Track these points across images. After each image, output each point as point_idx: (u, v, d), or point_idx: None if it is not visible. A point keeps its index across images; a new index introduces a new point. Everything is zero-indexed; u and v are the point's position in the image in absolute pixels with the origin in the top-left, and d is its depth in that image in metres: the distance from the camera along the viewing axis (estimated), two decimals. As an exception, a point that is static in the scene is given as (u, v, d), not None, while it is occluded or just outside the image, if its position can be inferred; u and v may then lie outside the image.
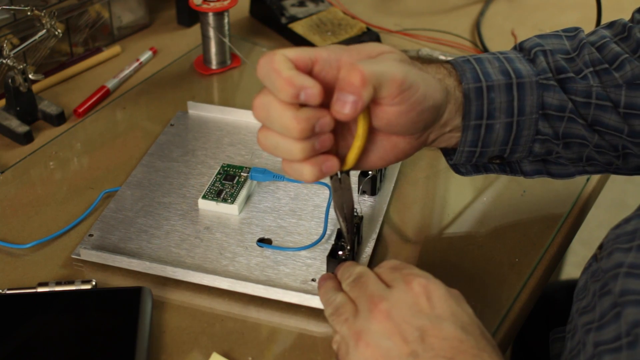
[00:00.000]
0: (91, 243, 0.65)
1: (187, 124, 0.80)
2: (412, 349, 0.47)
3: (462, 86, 0.57)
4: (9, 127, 0.79)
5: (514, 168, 0.63)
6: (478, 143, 0.59)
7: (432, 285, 0.49)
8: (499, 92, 0.57)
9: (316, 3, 0.99)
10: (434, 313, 0.48)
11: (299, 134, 0.48)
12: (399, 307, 0.48)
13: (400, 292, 0.49)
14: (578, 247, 1.56)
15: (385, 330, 0.48)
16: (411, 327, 0.47)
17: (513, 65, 0.59)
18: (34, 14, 0.78)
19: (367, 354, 0.48)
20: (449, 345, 0.47)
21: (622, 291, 0.49)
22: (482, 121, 0.58)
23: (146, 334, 0.57)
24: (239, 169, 0.72)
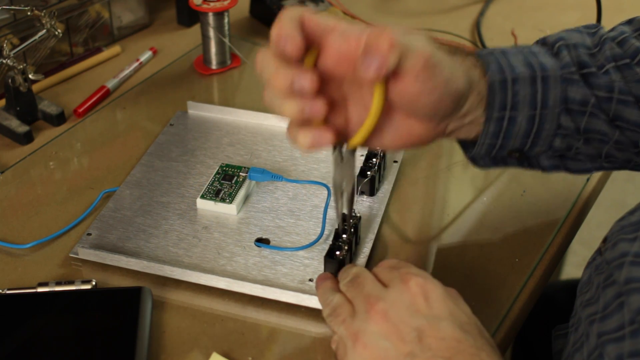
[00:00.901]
0: (89, 242, 0.66)
1: (187, 124, 0.80)
2: (410, 349, 0.47)
3: (486, 78, 0.56)
4: (9, 127, 0.79)
5: (532, 162, 0.63)
6: (500, 135, 0.58)
7: (429, 284, 0.49)
8: (523, 85, 0.57)
9: (316, 3, 0.99)
10: (432, 313, 0.48)
11: (279, 89, 0.49)
12: (396, 307, 0.48)
13: (397, 292, 0.49)
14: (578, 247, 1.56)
15: (382, 331, 0.48)
16: (408, 328, 0.47)
17: (538, 59, 0.59)
18: (34, 14, 0.78)
19: (365, 355, 0.48)
20: (446, 346, 0.47)
21: (627, 279, 0.49)
22: (506, 113, 0.57)
23: (146, 334, 0.57)
24: (237, 168, 0.72)
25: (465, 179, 0.75)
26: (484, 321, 0.61)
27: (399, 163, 0.75)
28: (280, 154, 0.76)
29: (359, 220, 0.64)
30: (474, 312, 0.61)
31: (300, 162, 0.75)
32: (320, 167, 0.74)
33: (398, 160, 0.75)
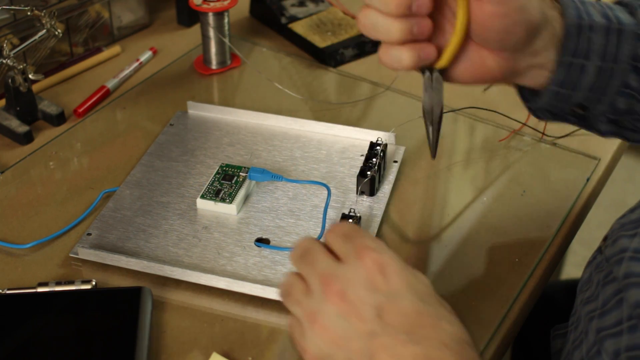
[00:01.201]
0: (89, 242, 0.66)
1: (187, 124, 0.80)
2: (370, 328, 0.46)
3: (563, 19, 0.56)
4: (9, 127, 0.79)
5: (591, 124, 0.62)
6: (567, 84, 0.58)
7: (385, 258, 0.48)
8: (598, 33, 0.57)
9: (316, 3, 0.99)
10: (390, 288, 0.47)
11: (396, 9, 0.50)
12: (353, 285, 0.47)
13: (353, 268, 0.47)
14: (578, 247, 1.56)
15: (341, 311, 0.46)
16: (367, 306, 0.46)
17: (615, 13, 0.58)
18: (34, 14, 0.78)
19: (325, 336, 0.47)
20: (407, 320, 0.46)
21: (626, 274, 0.49)
22: (576, 60, 0.57)
23: (146, 334, 0.57)
24: (237, 168, 0.72)
25: (465, 179, 0.75)
26: (483, 321, 0.61)
27: (398, 163, 0.75)
28: (280, 154, 0.76)
29: (359, 220, 0.64)
30: (474, 312, 0.61)
31: (300, 162, 0.75)
32: (320, 167, 0.74)
33: (398, 160, 0.75)
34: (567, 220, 0.70)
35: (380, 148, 0.71)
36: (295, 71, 0.91)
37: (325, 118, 0.82)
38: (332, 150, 0.76)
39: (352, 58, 0.92)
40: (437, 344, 0.45)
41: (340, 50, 0.91)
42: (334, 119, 0.81)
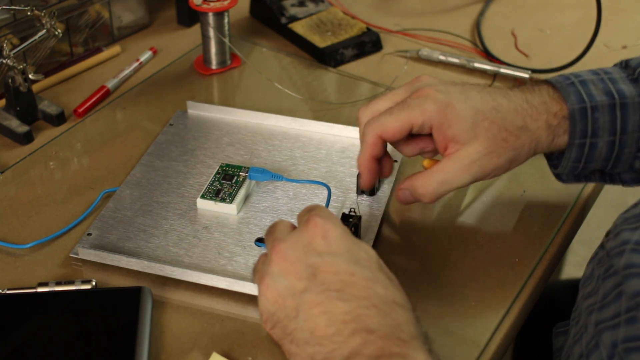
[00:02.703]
0: (89, 242, 0.66)
1: (186, 124, 0.80)
2: (304, 285, 0.48)
3: (566, 107, 0.60)
4: (9, 127, 0.79)
5: (614, 178, 0.66)
6: (582, 159, 0.62)
7: (329, 224, 0.50)
8: (602, 113, 0.61)
9: (316, 3, 0.99)
10: (328, 250, 0.49)
11: None
12: (295, 247, 0.50)
13: (299, 233, 0.50)
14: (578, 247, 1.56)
15: (281, 271, 0.49)
16: (304, 265, 0.49)
17: (616, 86, 0.61)
18: (34, 14, 0.78)
19: (268, 295, 0.50)
20: (339, 279, 0.48)
21: (626, 265, 0.50)
22: (586, 140, 0.61)
23: (146, 334, 0.57)
24: (237, 168, 0.72)
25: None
26: (483, 321, 0.61)
27: (398, 163, 0.75)
28: (280, 154, 0.76)
29: (359, 220, 0.64)
30: (474, 312, 0.61)
31: (300, 161, 0.75)
32: (320, 167, 0.74)
33: (398, 160, 0.75)
34: (567, 220, 0.70)
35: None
36: (295, 71, 0.91)
37: (325, 118, 0.82)
38: (332, 149, 0.76)
39: (352, 58, 0.92)
40: (365, 304, 0.47)
41: (340, 50, 0.91)
42: (334, 119, 0.81)
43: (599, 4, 0.83)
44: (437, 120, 0.58)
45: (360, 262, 0.49)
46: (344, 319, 0.46)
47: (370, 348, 0.45)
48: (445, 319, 0.61)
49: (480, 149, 0.59)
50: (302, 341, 0.48)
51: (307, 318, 0.47)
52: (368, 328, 0.46)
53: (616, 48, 0.95)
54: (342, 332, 0.46)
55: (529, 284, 0.64)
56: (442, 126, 0.59)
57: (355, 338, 0.46)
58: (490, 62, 0.90)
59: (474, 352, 0.59)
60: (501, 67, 0.89)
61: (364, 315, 0.46)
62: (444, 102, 0.59)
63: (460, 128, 0.58)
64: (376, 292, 0.48)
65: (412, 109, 0.59)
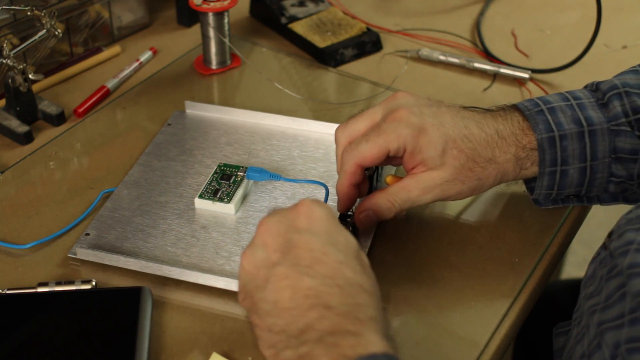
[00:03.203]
0: (87, 242, 0.66)
1: (184, 124, 0.80)
2: (277, 258, 0.49)
3: (534, 136, 0.62)
4: (9, 127, 0.79)
5: (592, 199, 0.67)
6: (554, 187, 0.63)
7: (316, 206, 0.51)
8: (571, 140, 0.62)
9: (316, 3, 0.99)
10: (308, 229, 0.50)
11: None
12: (280, 222, 0.51)
13: (287, 210, 0.52)
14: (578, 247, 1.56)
15: (261, 242, 0.51)
16: (283, 239, 0.50)
17: (585, 113, 0.62)
18: (34, 14, 0.78)
19: (245, 265, 0.51)
20: (310, 256, 0.49)
21: (630, 264, 0.51)
22: (557, 167, 0.62)
23: (146, 334, 0.57)
24: (235, 168, 0.72)
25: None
26: (484, 321, 0.61)
27: None
28: (278, 154, 0.76)
29: None
30: (474, 312, 0.61)
31: (298, 161, 0.75)
32: (318, 167, 0.74)
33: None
34: (567, 220, 0.70)
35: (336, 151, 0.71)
36: (295, 71, 0.91)
37: (325, 118, 0.82)
38: (329, 149, 0.76)
39: (352, 58, 0.92)
40: (330, 282, 0.48)
41: (340, 50, 0.91)
42: (334, 119, 0.81)
43: (599, 4, 0.83)
44: (410, 145, 0.60)
45: (336, 244, 0.50)
46: (306, 294, 0.47)
47: (324, 323, 0.46)
48: (445, 319, 0.61)
49: (445, 176, 0.61)
50: (264, 312, 0.49)
51: (273, 290, 0.48)
52: (326, 304, 0.47)
53: (616, 48, 0.95)
54: (301, 306, 0.47)
55: (529, 284, 0.64)
56: (414, 150, 0.60)
57: (312, 312, 0.47)
58: (490, 62, 0.90)
59: (474, 352, 0.59)
60: (501, 67, 0.89)
61: (326, 293, 0.47)
62: (417, 126, 0.60)
63: (430, 154, 0.60)
64: (344, 274, 0.48)
65: (388, 134, 0.60)
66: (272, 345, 0.48)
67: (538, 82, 0.88)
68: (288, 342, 0.47)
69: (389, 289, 0.63)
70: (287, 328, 0.47)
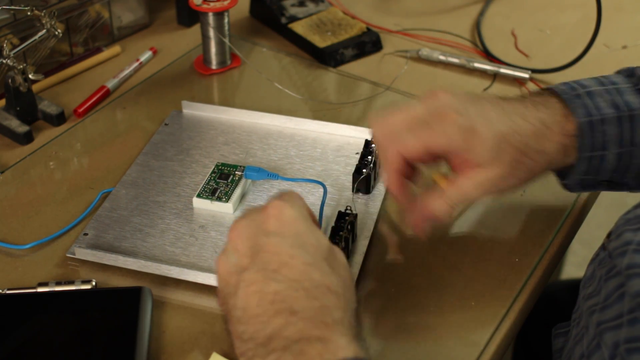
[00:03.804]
0: (86, 242, 0.66)
1: (182, 123, 0.80)
2: (246, 263, 0.49)
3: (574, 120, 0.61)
4: (9, 127, 0.79)
5: (622, 189, 0.67)
6: (591, 172, 0.63)
7: (286, 207, 0.50)
8: (610, 125, 0.61)
9: (316, 3, 0.99)
10: (278, 232, 0.49)
11: None
12: (250, 226, 0.50)
13: (257, 213, 0.51)
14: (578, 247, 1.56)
15: (233, 247, 0.50)
16: (251, 243, 0.49)
17: (624, 98, 0.62)
18: (34, 14, 0.78)
19: (220, 273, 0.50)
20: (277, 259, 0.48)
21: (629, 265, 0.50)
22: (595, 152, 0.61)
23: (146, 334, 0.57)
24: (233, 167, 0.72)
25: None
26: (484, 321, 0.61)
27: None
28: (276, 153, 0.76)
29: (355, 218, 0.64)
30: (474, 312, 0.61)
31: (295, 160, 0.75)
32: (316, 166, 0.74)
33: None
34: (567, 220, 0.70)
35: (375, 146, 0.71)
36: (295, 71, 0.91)
37: (325, 118, 0.82)
38: (327, 148, 0.76)
39: (352, 58, 0.92)
40: (295, 286, 0.47)
41: (340, 50, 0.91)
42: (334, 119, 0.81)
43: (599, 4, 0.83)
44: (460, 146, 0.58)
45: (305, 246, 0.49)
46: (272, 299, 0.46)
47: (290, 330, 0.45)
48: (445, 319, 0.61)
49: (499, 172, 0.59)
50: (235, 319, 0.48)
51: (242, 296, 0.48)
52: (292, 309, 0.46)
53: (616, 48, 0.95)
54: (267, 312, 0.46)
55: (529, 284, 0.64)
56: (465, 151, 0.58)
57: (277, 319, 0.46)
58: (490, 62, 0.90)
59: (474, 352, 0.59)
60: (501, 67, 0.89)
61: (291, 297, 0.46)
62: (466, 127, 0.58)
63: (483, 153, 0.58)
64: (311, 277, 0.47)
65: (435, 132, 0.58)
66: (243, 353, 0.47)
67: (538, 82, 0.88)
68: (256, 351, 0.46)
69: (389, 288, 0.63)
70: (255, 335, 0.46)
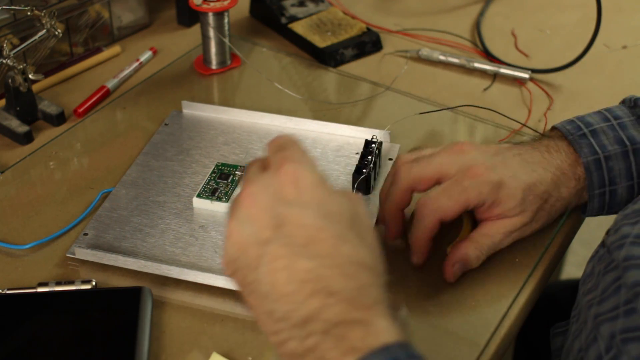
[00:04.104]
0: (86, 242, 0.66)
1: (182, 123, 0.80)
2: (269, 236, 0.45)
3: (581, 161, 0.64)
4: (9, 127, 0.79)
5: None
6: (604, 207, 0.66)
7: (301, 171, 0.47)
8: (616, 161, 0.64)
9: (316, 3, 0.99)
10: (298, 200, 0.46)
11: None
12: (265, 192, 0.47)
13: (270, 176, 0.48)
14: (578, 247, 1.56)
15: (248, 216, 0.47)
16: (271, 213, 0.46)
17: (627, 133, 0.65)
18: (34, 14, 0.78)
19: (232, 239, 0.47)
20: (304, 233, 0.45)
21: (626, 257, 0.51)
22: (605, 188, 0.65)
23: (146, 334, 0.57)
24: (233, 167, 0.72)
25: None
26: (484, 320, 0.61)
27: (393, 160, 0.74)
28: (279, 154, 0.76)
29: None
30: (474, 312, 0.61)
31: (299, 161, 0.75)
32: (317, 166, 0.74)
33: (393, 157, 0.75)
34: (567, 220, 0.70)
35: (375, 146, 0.71)
36: (295, 71, 0.91)
37: (325, 118, 0.82)
38: (327, 148, 0.76)
39: (352, 58, 0.92)
40: (329, 263, 0.44)
41: (340, 50, 0.91)
42: (334, 119, 0.81)
43: (599, 4, 0.83)
44: (490, 199, 0.62)
45: (331, 216, 0.46)
46: (304, 278, 0.44)
47: (328, 312, 0.43)
48: (445, 319, 0.61)
49: (524, 220, 0.64)
50: (261, 295, 0.45)
51: (267, 271, 0.45)
52: (329, 290, 0.43)
53: (616, 48, 0.95)
54: (301, 291, 0.44)
55: (529, 284, 0.64)
56: (494, 203, 0.63)
57: (314, 300, 0.43)
58: (490, 62, 0.90)
59: (474, 352, 0.59)
60: (501, 67, 0.89)
61: (326, 276, 0.44)
62: (496, 182, 0.62)
63: (511, 205, 0.63)
64: (343, 252, 0.45)
65: (470, 192, 0.62)
66: (275, 332, 0.45)
67: (538, 82, 0.88)
68: (291, 332, 0.44)
69: (389, 288, 0.62)
70: (288, 316, 0.44)
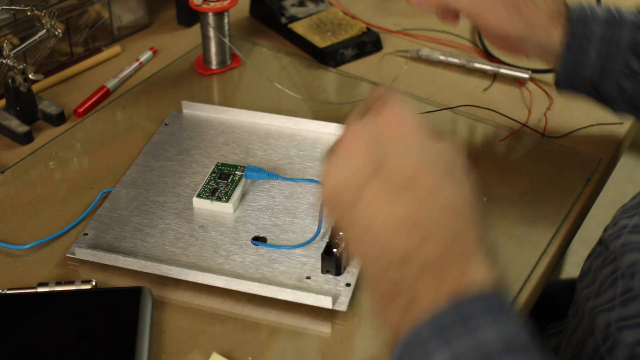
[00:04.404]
0: (86, 242, 0.66)
1: (182, 123, 0.80)
2: (367, 178, 0.45)
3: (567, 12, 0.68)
4: (9, 127, 0.79)
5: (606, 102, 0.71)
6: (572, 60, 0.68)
7: (401, 116, 0.47)
8: (598, 23, 0.67)
9: (316, 3, 0.99)
10: (398, 144, 0.46)
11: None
12: (365, 135, 0.46)
13: (370, 121, 0.47)
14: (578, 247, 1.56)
15: (348, 156, 0.46)
16: (371, 156, 0.45)
17: (620, 10, 0.68)
18: (34, 14, 0.78)
19: (330, 177, 0.47)
20: (403, 176, 0.44)
21: (624, 244, 0.52)
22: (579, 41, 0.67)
23: (146, 334, 0.57)
24: (233, 167, 0.72)
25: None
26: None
27: None
28: (276, 153, 0.76)
29: None
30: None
31: (295, 160, 0.75)
32: (316, 165, 0.74)
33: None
34: (567, 220, 0.70)
35: None
36: (295, 71, 0.91)
37: (325, 118, 0.81)
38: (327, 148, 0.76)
39: (352, 58, 0.92)
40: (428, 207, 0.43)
41: (340, 50, 0.91)
42: (334, 119, 0.81)
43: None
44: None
45: (430, 161, 0.45)
46: (402, 219, 0.43)
47: (426, 252, 0.42)
48: (444, 318, 0.61)
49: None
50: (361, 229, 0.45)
51: (366, 210, 0.44)
52: (427, 235, 0.42)
53: (616, 48, 0.95)
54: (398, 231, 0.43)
55: (529, 284, 0.64)
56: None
57: (410, 240, 0.42)
58: (490, 62, 0.90)
59: (474, 352, 0.58)
60: (501, 67, 0.89)
61: (425, 222, 0.43)
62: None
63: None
64: (441, 196, 0.44)
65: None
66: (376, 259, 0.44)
67: (538, 82, 0.88)
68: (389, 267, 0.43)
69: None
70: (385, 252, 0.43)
